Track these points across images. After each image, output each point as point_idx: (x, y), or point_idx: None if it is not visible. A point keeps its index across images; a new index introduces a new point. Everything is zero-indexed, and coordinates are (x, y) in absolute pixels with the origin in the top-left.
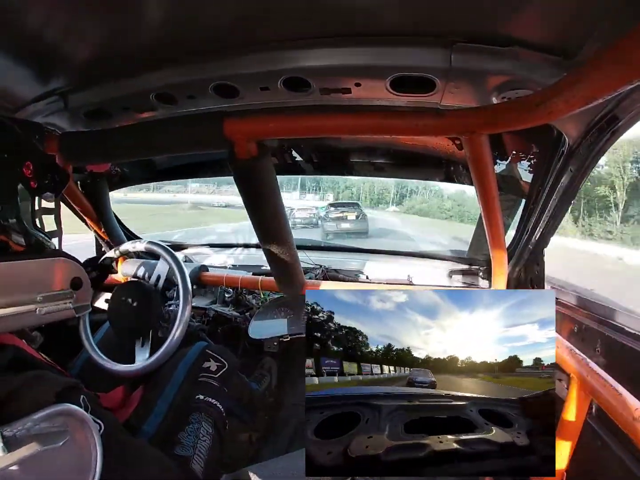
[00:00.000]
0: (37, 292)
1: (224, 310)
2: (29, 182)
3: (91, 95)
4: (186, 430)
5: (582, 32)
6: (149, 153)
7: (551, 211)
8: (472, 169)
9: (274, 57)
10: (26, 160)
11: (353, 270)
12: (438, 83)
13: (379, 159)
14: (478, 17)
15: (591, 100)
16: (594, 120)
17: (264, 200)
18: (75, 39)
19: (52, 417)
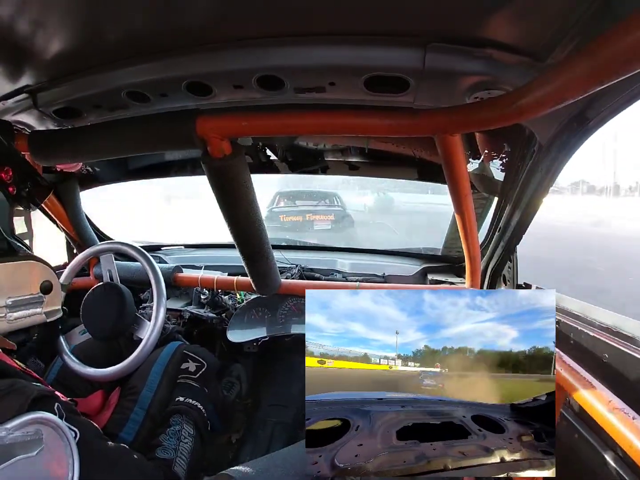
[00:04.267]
0: (6, 297)
1: (199, 311)
2: (7, 187)
3: (61, 93)
4: (167, 432)
5: (555, 34)
6: (121, 152)
7: (523, 209)
8: (445, 168)
9: (247, 55)
10: (5, 164)
11: (329, 269)
12: (412, 83)
13: (354, 157)
14: (452, 18)
15: (562, 100)
16: (565, 121)
17: (238, 200)
18: (44, 34)
19: (26, 426)
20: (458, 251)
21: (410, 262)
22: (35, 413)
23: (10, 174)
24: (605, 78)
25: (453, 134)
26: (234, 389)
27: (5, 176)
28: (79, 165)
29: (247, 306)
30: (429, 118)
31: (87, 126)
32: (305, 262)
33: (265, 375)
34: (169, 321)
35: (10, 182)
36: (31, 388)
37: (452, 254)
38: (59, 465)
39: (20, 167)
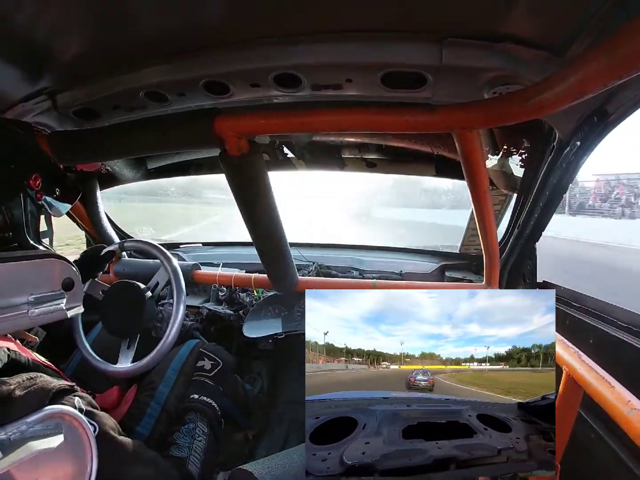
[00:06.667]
0: (29, 294)
1: (217, 308)
2: (35, 194)
3: (80, 94)
4: (181, 430)
5: (573, 28)
6: (140, 152)
7: (542, 205)
8: (463, 164)
9: (264, 54)
10: (35, 172)
11: (346, 267)
12: (429, 78)
13: (371, 154)
14: (469, 13)
15: (581, 95)
16: (585, 115)
17: (256, 197)
18: (63, 37)
19: (47, 420)
20: (476, 248)
21: (427, 260)
22: (56, 407)
23: (38, 181)
24: (624, 72)
25: (471, 129)
26: (257, 384)
27: (34, 183)
28: (98, 165)
29: (263, 303)
30: (447, 114)
31: (106, 126)
32: (322, 260)
33: (281, 372)
34: (188, 318)
35: (39, 189)
36: (52, 382)
37: (470, 251)
38: (78, 458)
39: (49, 173)
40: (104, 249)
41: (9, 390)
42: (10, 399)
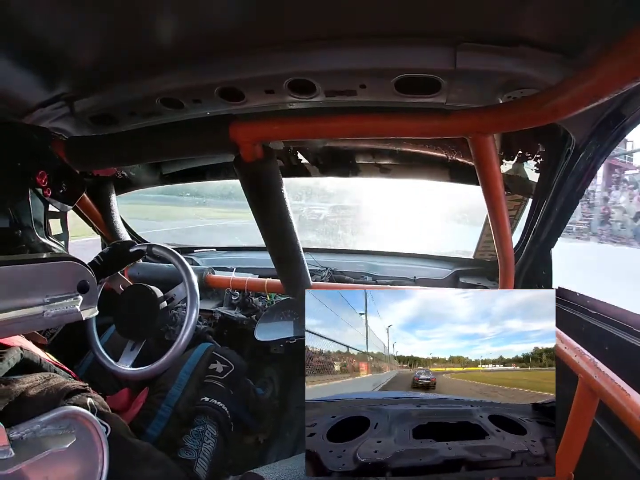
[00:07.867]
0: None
1: (230, 313)
2: (43, 191)
3: (97, 100)
4: (191, 433)
5: (587, 29)
6: (155, 157)
7: (558, 211)
8: (478, 169)
9: (278, 60)
10: (41, 168)
11: (359, 272)
12: (443, 83)
13: (385, 160)
14: (483, 16)
15: (597, 98)
16: (600, 119)
17: (270, 203)
18: (80, 44)
19: (59, 420)
20: (491, 254)
21: (441, 266)
22: (69, 407)
23: (45, 177)
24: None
25: (486, 134)
26: (268, 388)
27: (40, 180)
28: (114, 170)
29: (276, 307)
30: (462, 119)
31: (123, 132)
32: (335, 265)
33: (293, 377)
34: (201, 321)
35: (46, 185)
36: (65, 382)
37: (484, 257)
38: (89, 459)
39: (55, 169)
40: (134, 246)
41: (22, 389)
42: (24, 398)
